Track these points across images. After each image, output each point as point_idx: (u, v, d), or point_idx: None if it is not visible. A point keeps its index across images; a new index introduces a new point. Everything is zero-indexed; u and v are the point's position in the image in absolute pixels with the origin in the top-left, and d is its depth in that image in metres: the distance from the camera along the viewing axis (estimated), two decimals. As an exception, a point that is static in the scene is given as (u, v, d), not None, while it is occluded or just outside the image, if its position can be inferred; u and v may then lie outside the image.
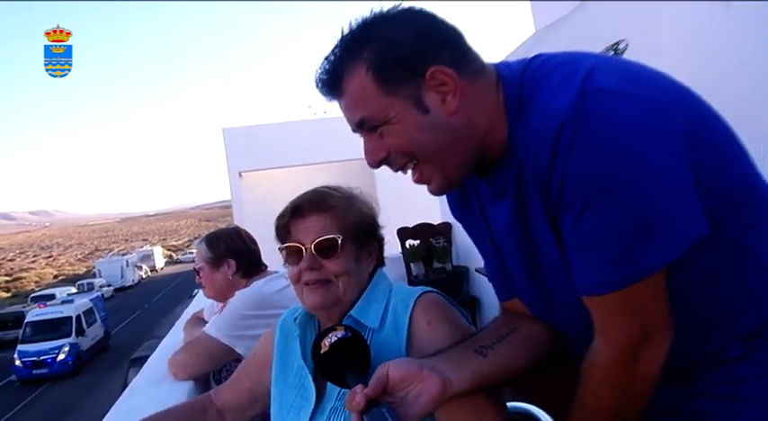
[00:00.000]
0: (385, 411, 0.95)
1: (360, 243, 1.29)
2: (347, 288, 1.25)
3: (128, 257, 53.85)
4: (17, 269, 72.74)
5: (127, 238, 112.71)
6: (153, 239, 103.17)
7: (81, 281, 45.25)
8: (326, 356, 1.08)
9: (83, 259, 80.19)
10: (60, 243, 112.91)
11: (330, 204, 1.28)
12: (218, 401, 1.53)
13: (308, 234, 1.25)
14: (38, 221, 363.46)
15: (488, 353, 1.10)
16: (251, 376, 1.49)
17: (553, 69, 1.00)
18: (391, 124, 1.02)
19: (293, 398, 1.29)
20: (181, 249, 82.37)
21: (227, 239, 2.26)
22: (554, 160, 0.92)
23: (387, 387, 0.99)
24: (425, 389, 0.99)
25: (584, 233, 0.94)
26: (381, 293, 1.29)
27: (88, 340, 24.41)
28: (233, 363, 2.15)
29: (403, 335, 1.20)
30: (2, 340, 28.23)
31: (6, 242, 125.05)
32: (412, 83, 0.99)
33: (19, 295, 45.22)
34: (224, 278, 2.23)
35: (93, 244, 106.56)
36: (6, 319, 30.54)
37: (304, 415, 1.24)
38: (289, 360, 1.36)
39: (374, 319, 1.24)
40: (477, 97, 1.01)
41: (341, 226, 1.26)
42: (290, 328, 1.40)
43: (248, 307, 2.08)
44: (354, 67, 1.01)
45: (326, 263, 1.24)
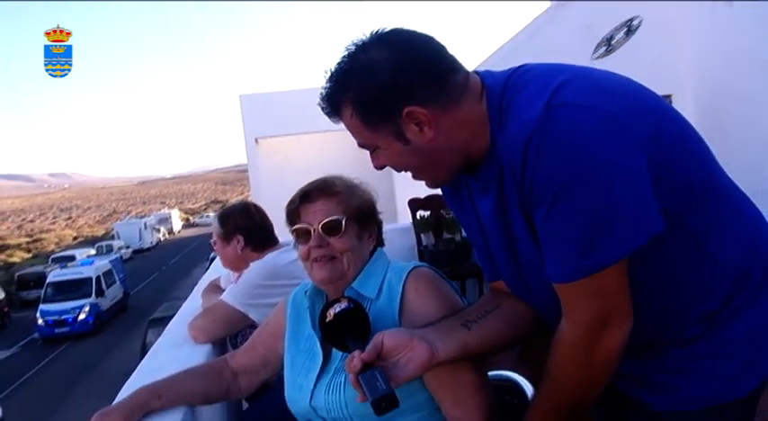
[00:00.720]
0: (377, 373, 1.11)
1: (361, 224, 1.48)
2: (350, 263, 1.45)
3: (146, 220, 54.49)
4: (37, 230, 73.95)
5: (145, 201, 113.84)
6: (170, 202, 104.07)
7: (100, 243, 45.93)
8: (331, 324, 1.25)
9: (101, 221, 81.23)
10: (79, 205, 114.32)
11: (335, 190, 1.47)
12: (234, 364, 1.68)
13: (316, 216, 1.45)
14: (57, 183, 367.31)
15: (473, 327, 1.27)
16: (265, 343, 1.67)
17: (530, 81, 1.12)
18: (381, 149, 1.18)
19: (303, 362, 1.49)
20: (198, 212, 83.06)
21: (237, 216, 2.45)
22: (524, 165, 1.04)
23: (381, 353, 1.16)
24: (415, 356, 1.17)
25: (551, 228, 1.07)
26: (380, 268, 1.49)
27: (108, 301, 25.02)
28: (247, 329, 2.31)
29: (396, 304, 1.40)
30: (24, 299, 28.93)
31: (27, 203, 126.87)
32: (391, 121, 1.13)
33: (39, 256, 45.97)
34: (234, 252, 2.41)
35: (112, 206, 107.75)
36: (28, 279, 31.28)
37: (312, 374, 1.43)
38: (300, 329, 1.56)
39: (372, 290, 1.44)
40: (455, 119, 1.13)
41: (345, 209, 1.45)
42: (300, 301, 1.60)
43: (262, 277, 2.24)
44: (342, 106, 1.15)
45: (332, 240, 1.43)
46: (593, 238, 1.03)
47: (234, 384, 1.66)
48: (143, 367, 1.97)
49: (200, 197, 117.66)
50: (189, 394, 1.60)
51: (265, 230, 2.46)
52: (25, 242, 57.59)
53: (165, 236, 56.84)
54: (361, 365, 1.12)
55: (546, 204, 1.04)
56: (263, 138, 9.53)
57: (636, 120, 1.05)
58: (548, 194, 1.03)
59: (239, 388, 1.67)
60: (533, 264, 1.17)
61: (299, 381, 1.46)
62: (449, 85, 1.12)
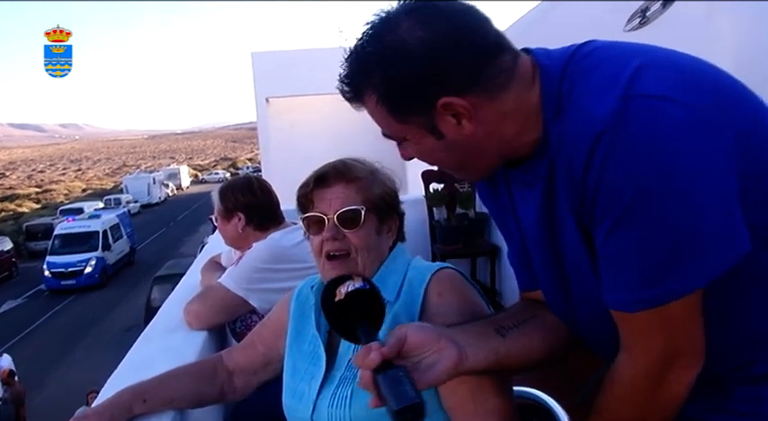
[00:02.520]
0: (403, 374, 0.89)
1: (382, 216, 1.30)
2: (366, 263, 1.27)
3: (155, 175, 54.48)
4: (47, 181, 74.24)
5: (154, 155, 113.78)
6: (180, 158, 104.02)
7: (108, 196, 46.09)
8: (339, 305, 1.00)
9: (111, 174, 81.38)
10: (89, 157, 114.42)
11: (356, 175, 1.28)
12: (230, 362, 1.51)
13: (332, 204, 1.26)
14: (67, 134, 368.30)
15: (508, 334, 1.07)
16: (265, 341, 1.49)
17: (598, 64, 0.92)
18: (410, 142, 1.01)
19: (306, 366, 1.30)
20: (207, 169, 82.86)
21: (238, 192, 2.22)
22: (588, 169, 0.86)
23: (402, 350, 0.94)
24: (441, 358, 0.96)
25: (617, 247, 0.88)
26: (400, 267, 1.30)
27: (114, 255, 25.12)
28: (248, 315, 2.14)
29: (416, 309, 1.21)
30: (32, 250, 29.17)
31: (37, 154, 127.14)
32: (423, 113, 0.95)
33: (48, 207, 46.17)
34: (235, 230, 2.21)
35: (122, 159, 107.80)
36: (36, 230, 31.43)
37: (315, 382, 1.26)
38: (304, 328, 1.37)
39: (391, 292, 1.24)
40: (500, 110, 0.95)
41: (365, 198, 1.27)
42: (306, 297, 1.41)
43: (264, 260, 2.06)
44: (366, 93, 0.97)
45: (349, 234, 1.25)
46: (669, 262, 0.85)
47: (229, 385, 1.50)
48: (132, 356, 1.82)
49: (209, 154, 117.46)
50: (178, 397, 1.44)
51: (269, 208, 2.25)
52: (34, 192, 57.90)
53: (174, 191, 56.87)
54: (380, 361, 0.89)
55: (612, 217, 0.85)
56: (274, 98, 9.33)
57: (728, 119, 0.85)
58: (616, 206, 0.84)
59: (235, 389, 1.51)
60: (580, 277, 0.99)
61: (301, 389, 1.29)
62: (494, 70, 0.93)
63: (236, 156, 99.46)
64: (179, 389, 1.44)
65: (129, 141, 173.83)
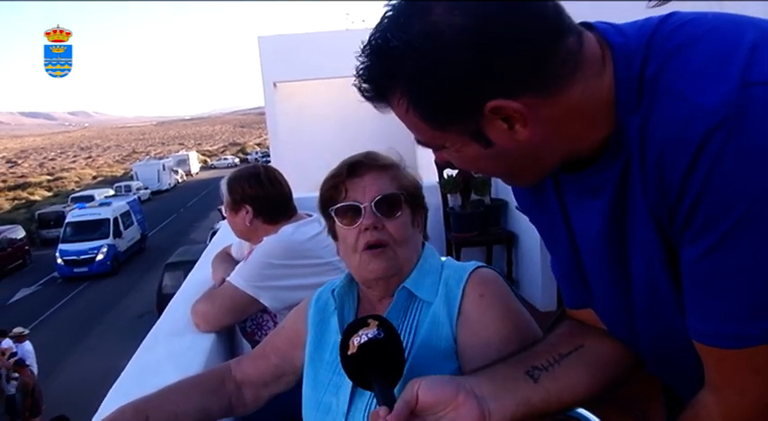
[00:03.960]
0: None
1: (414, 208, 1.21)
2: (407, 258, 1.19)
3: (164, 161, 54.50)
4: (58, 169, 74.57)
5: (163, 142, 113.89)
6: (188, 144, 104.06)
7: (119, 183, 46.22)
8: (354, 358, 0.97)
9: (121, 161, 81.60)
10: (99, 144, 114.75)
11: (387, 163, 1.20)
12: (239, 374, 1.40)
13: (367, 192, 1.17)
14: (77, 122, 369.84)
15: (541, 378, 0.93)
16: (279, 351, 1.38)
17: (694, 42, 0.73)
18: (449, 149, 0.84)
19: (330, 377, 1.21)
20: (216, 155, 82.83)
21: (245, 183, 2.08)
22: (690, 173, 0.69)
23: (415, 409, 0.84)
24: (459, 418, 0.85)
25: (717, 268, 0.71)
26: (435, 265, 1.21)
27: (125, 242, 25.15)
28: (258, 313, 2.04)
29: (454, 309, 1.12)
30: (45, 238, 29.32)
31: (48, 142, 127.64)
32: (467, 119, 0.77)
33: (60, 194, 46.40)
34: (243, 223, 2.07)
35: (131, 146, 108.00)
36: (48, 218, 31.55)
37: (343, 394, 1.16)
38: (325, 336, 1.27)
39: (429, 293, 1.16)
40: (562, 108, 0.77)
41: (400, 185, 1.18)
42: (326, 302, 1.31)
43: (275, 256, 1.93)
44: (394, 96, 0.79)
45: (388, 223, 1.15)
46: None
47: (237, 398, 1.39)
48: (136, 361, 1.71)
49: (218, 139, 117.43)
50: (182, 412, 1.32)
51: (279, 200, 2.11)
52: (46, 180, 58.21)
53: (183, 177, 56.93)
54: None
55: (718, 231, 0.69)
56: (281, 83, 9.21)
57: None
58: (726, 217, 0.68)
59: (244, 402, 1.40)
60: (655, 305, 0.84)
61: (327, 401, 1.19)
62: (555, 59, 0.74)
63: (245, 141, 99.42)
64: (184, 404, 1.33)
65: (138, 128, 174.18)
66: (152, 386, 1.35)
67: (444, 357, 1.11)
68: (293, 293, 1.81)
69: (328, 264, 1.92)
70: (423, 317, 1.15)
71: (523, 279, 4.68)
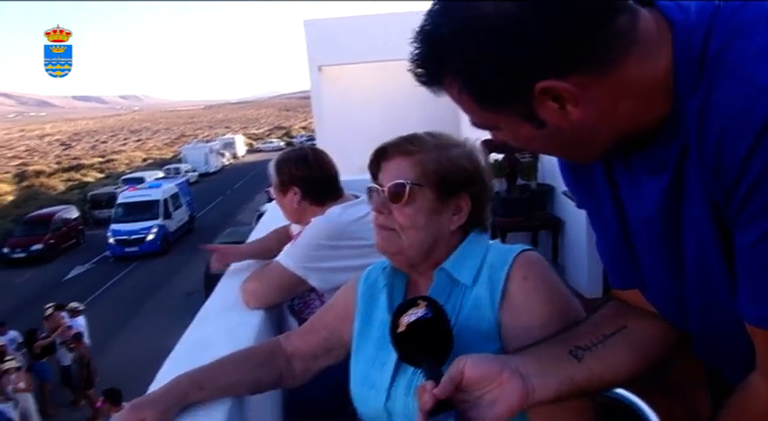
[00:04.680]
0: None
1: (444, 194, 1.19)
2: (413, 242, 1.20)
3: (211, 144, 55.46)
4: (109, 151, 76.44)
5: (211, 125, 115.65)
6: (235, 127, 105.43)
7: (168, 165, 47.22)
8: (403, 336, 1.01)
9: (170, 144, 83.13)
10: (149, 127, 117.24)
11: (412, 149, 1.20)
12: (289, 347, 1.44)
13: (386, 177, 1.22)
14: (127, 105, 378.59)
15: (585, 357, 0.94)
16: (328, 326, 1.41)
17: (764, 19, 0.71)
18: (504, 130, 0.86)
19: (376, 353, 1.24)
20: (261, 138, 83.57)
21: (292, 165, 2.13)
22: (752, 156, 0.67)
23: (460, 385, 0.87)
24: (503, 395, 0.88)
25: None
26: (478, 250, 1.21)
27: (174, 222, 25.79)
28: (305, 293, 2.08)
29: (498, 292, 1.13)
30: (97, 218, 30.20)
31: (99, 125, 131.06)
32: (518, 100, 0.78)
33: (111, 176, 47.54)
34: (291, 204, 2.12)
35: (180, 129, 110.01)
36: (100, 199, 32.50)
37: (387, 370, 1.21)
38: (373, 313, 1.31)
39: (468, 276, 1.17)
40: (616, 87, 0.76)
41: (421, 172, 1.18)
42: (376, 279, 1.34)
43: (322, 237, 1.97)
44: (446, 80, 0.81)
45: (395, 209, 1.18)
46: None
47: (288, 370, 1.43)
48: (188, 337, 1.77)
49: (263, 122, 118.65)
50: (235, 383, 1.37)
51: (326, 181, 2.15)
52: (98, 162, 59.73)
53: (230, 160, 57.74)
54: (433, 404, 0.88)
55: None
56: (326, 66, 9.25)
57: None
58: None
59: (294, 374, 1.44)
60: (706, 286, 0.83)
61: (372, 376, 1.22)
62: (607, 38, 0.73)
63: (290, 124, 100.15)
64: (236, 375, 1.38)
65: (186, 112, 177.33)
66: (205, 359, 1.39)
67: (486, 338, 1.13)
68: (340, 275, 1.84)
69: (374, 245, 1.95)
70: (465, 299, 1.17)
71: (569, 265, 4.63)
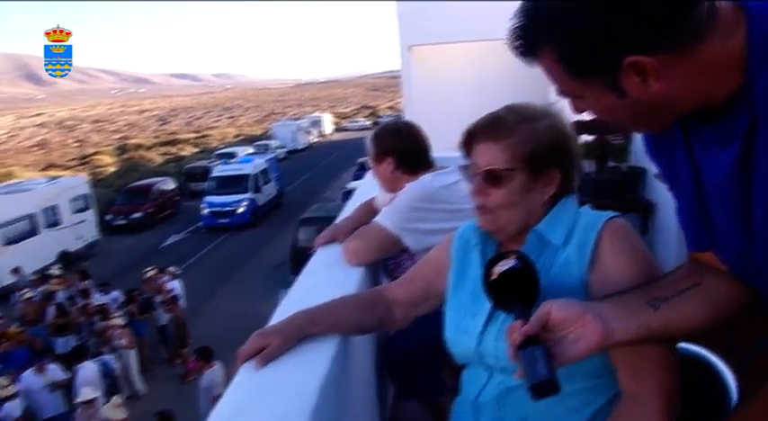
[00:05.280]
0: (539, 354, 0.99)
1: (534, 171, 1.28)
2: (510, 219, 1.30)
3: (300, 122, 56.61)
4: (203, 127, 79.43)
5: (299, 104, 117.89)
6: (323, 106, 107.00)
7: (258, 142, 48.65)
8: (495, 284, 1.13)
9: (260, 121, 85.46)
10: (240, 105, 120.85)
11: (504, 133, 1.28)
12: (390, 295, 1.60)
13: (480, 160, 1.30)
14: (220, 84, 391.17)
15: (661, 307, 1.04)
16: (425, 277, 1.56)
17: None
18: (587, 99, 0.97)
19: (469, 303, 1.36)
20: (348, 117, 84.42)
21: (388, 137, 2.34)
22: None
23: (547, 324, 0.99)
24: (585, 334, 0.99)
25: None
26: (569, 214, 1.30)
27: (263, 197, 26.69)
28: (400, 254, 2.25)
29: (586, 255, 1.21)
30: (192, 190, 31.55)
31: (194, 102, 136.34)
32: (605, 74, 0.89)
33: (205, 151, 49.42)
34: (386, 173, 2.31)
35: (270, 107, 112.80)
36: (195, 172, 33.97)
37: (479, 317, 1.31)
38: (467, 268, 1.43)
39: (559, 237, 1.26)
40: (693, 65, 0.86)
41: (512, 156, 1.27)
42: (470, 237, 1.45)
43: (416, 199, 2.15)
44: (541, 52, 0.93)
45: (492, 191, 1.28)
46: None
47: (388, 316, 1.59)
48: (299, 286, 1.98)
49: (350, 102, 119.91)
50: (343, 323, 1.56)
51: (418, 153, 2.35)
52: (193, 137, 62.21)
53: (317, 138, 58.79)
54: (522, 339, 1.00)
55: None
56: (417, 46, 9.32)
57: None
58: None
59: (394, 319, 1.60)
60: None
61: (465, 323, 1.35)
62: (690, 21, 0.83)
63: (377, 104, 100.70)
64: (345, 316, 1.56)
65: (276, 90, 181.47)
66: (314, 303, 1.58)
67: (573, 295, 1.19)
68: (431, 237, 1.99)
69: (462, 210, 2.09)
70: (555, 259, 1.26)
71: (658, 248, 4.57)
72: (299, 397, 1.26)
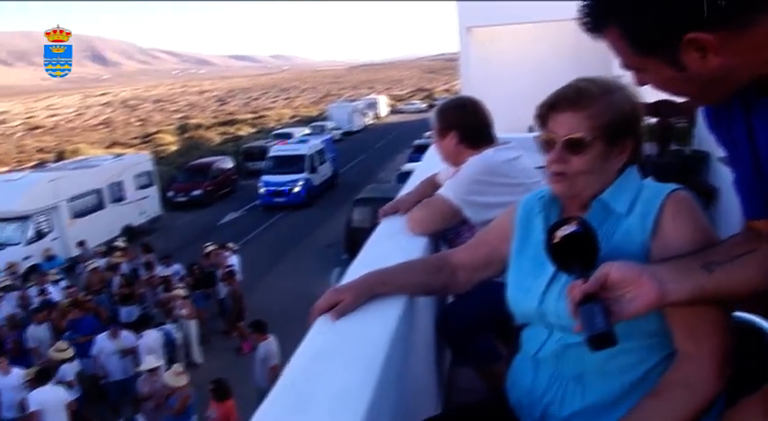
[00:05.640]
0: (597, 308, 1.06)
1: (611, 141, 1.33)
2: (588, 185, 1.35)
3: (356, 104, 56.78)
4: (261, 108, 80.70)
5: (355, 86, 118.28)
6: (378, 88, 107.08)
7: (314, 123, 49.09)
8: (557, 246, 1.20)
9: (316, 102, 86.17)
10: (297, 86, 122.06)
11: (585, 103, 1.33)
12: (454, 260, 1.69)
13: (561, 128, 1.34)
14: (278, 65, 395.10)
15: (716, 270, 1.11)
16: (489, 244, 1.65)
17: None
18: (648, 72, 1.03)
19: (531, 267, 1.44)
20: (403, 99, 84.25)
21: (451, 112, 2.43)
22: None
23: (605, 284, 1.07)
24: (641, 294, 1.07)
25: None
26: (633, 184, 1.35)
27: (319, 177, 27.05)
28: (461, 226, 2.34)
29: (649, 224, 1.27)
30: (249, 169, 32.14)
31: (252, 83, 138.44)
32: (666, 49, 0.95)
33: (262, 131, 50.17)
34: (448, 147, 2.40)
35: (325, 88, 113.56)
36: (253, 152, 34.62)
37: (542, 281, 1.38)
38: (530, 235, 1.50)
39: (623, 205, 1.32)
40: (752, 40, 0.90)
41: (593, 125, 1.31)
42: (533, 206, 1.52)
43: (478, 172, 2.24)
44: (606, 29, 1.00)
45: (573, 158, 1.32)
46: None
47: (452, 279, 1.69)
48: (365, 253, 2.10)
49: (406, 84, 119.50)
50: (410, 284, 1.66)
51: (481, 128, 2.42)
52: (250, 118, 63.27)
53: (372, 120, 58.89)
54: (582, 296, 1.08)
55: None
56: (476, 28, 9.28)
57: None
58: None
59: (457, 283, 1.70)
60: None
61: (527, 285, 1.43)
62: (751, 2, 0.88)
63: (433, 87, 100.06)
64: (411, 277, 1.67)
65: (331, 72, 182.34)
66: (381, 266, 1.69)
67: None
68: (491, 210, 2.07)
69: (522, 185, 2.17)
70: (618, 227, 1.32)
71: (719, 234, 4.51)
72: (372, 345, 1.38)
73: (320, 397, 1.19)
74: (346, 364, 1.31)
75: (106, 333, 9.72)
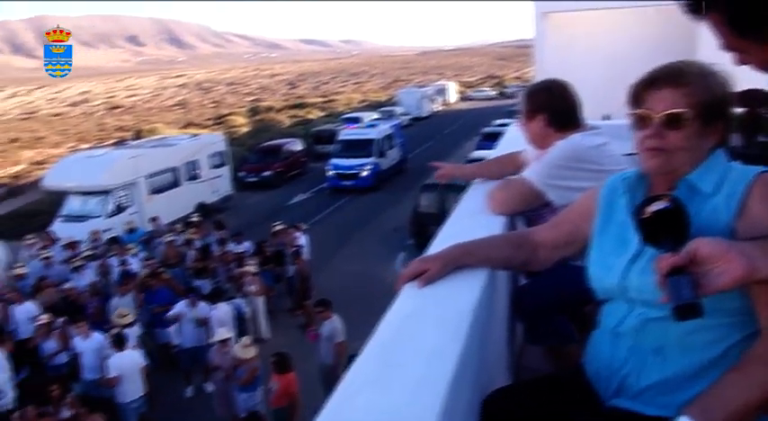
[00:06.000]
0: (684, 281, 1.10)
1: (706, 121, 1.35)
2: (684, 161, 1.37)
3: (425, 90, 56.39)
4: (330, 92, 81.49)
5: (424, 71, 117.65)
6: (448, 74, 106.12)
7: (383, 108, 49.20)
8: (647, 221, 1.23)
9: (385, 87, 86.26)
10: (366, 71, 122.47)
11: (685, 81, 1.35)
12: (537, 237, 1.76)
13: (659, 105, 1.35)
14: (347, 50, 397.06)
15: None
16: (571, 222, 1.70)
17: None
18: (748, 54, 1.09)
19: (614, 246, 1.48)
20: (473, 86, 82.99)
21: (539, 95, 2.43)
22: None
23: (694, 259, 1.11)
24: (729, 269, 1.10)
25: None
26: (720, 165, 1.37)
27: (387, 161, 27.13)
28: (543, 208, 2.38)
29: (735, 204, 1.29)
30: (318, 153, 32.51)
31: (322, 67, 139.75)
32: (765, 30, 0.99)
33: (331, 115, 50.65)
34: (535, 129, 2.42)
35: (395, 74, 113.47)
36: (322, 135, 34.97)
37: (624, 257, 1.43)
38: (613, 214, 1.54)
39: (709, 185, 1.34)
40: None
41: (691, 102, 1.33)
42: (617, 187, 1.55)
43: (564, 158, 2.25)
44: (711, 12, 1.06)
45: (671, 134, 1.34)
46: None
47: (533, 256, 1.75)
48: (448, 228, 2.18)
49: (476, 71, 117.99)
50: (494, 257, 1.74)
51: (569, 111, 2.42)
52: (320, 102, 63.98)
53: (441, 107, 58.48)
54: (671, 268, 1.11)
55: None
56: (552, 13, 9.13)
57: None
58: None
59: (538, 259, 1.76)
60: None
61: (610, 261, 1.47)
62: None
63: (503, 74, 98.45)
64: (495, 251, 1.75)
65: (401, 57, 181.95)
66: (463, 241, 1.77)
67: None
68: (575, 194, 2.11)
69: (608, 171, 2.17)
70: (704, 206, 1.33)
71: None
72: (458, 312, 1.47)
73: (413, 353, 1.29)
74: (436, 325, 1.40)
75: (185, 301, 10.16)
